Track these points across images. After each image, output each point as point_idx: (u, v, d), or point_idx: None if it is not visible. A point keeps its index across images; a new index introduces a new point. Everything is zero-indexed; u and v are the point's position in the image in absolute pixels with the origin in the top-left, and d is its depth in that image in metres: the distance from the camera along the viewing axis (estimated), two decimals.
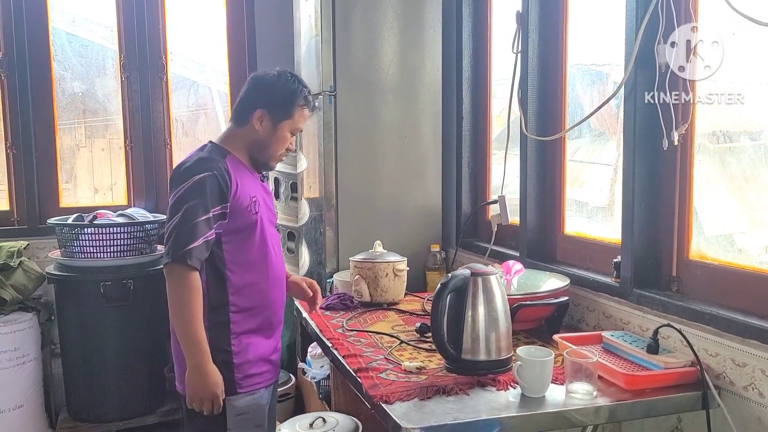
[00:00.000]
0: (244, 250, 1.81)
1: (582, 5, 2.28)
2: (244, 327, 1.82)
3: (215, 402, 1.72)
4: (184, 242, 1.69)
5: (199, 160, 1.78)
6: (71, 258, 3.10)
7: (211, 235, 1.73)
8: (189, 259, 1.68)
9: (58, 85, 3.55)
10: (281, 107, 1.85)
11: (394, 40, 2.85)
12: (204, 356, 1.70)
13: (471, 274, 1.69)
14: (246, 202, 1.79)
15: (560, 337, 1.81)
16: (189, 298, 1.70)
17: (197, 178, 1.72)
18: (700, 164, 1.78)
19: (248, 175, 1.86)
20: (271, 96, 1.85)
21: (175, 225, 1.72)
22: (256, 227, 1.82)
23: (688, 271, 1.80)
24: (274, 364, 1.93)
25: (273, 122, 1.85)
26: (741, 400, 1.54)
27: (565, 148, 2.33)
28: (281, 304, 1.95)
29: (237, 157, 1.85)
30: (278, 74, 1.88)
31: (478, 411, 1.46)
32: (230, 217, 1.76)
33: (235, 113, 1.90)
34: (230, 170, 1.77)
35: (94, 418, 3.19)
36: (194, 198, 1.71)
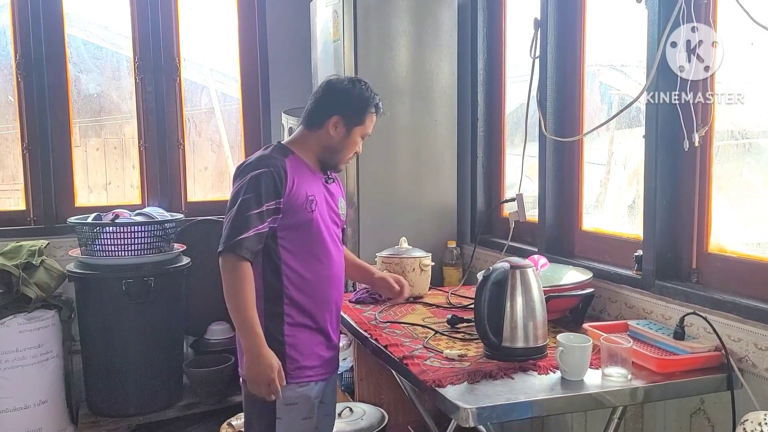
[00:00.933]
0: (300, 247, 1.87)
1: (600, 7, 2.40)
2: (299, 320, 1.89)
3: (272, 385, 1.76)
4: (235, 233, 1.77)
5: (259, 158, 1.87)
6: (92, 256, 3.16)
7: (264, 228, 1.80)
8: (239, 249, 1.76)
9: (74, 86, 3.60)
10: (356, 114, 1.93)
11: (411, 44, 2.96)
12: (257, 339, 1.76)
13: (510, 267, 1.80)
14: (301, 199, 1.85)
15: (590, 325, 1.93)
16: (240, 284, 1.77)
17: (254, 174, 1.81)
18: (719, 163, 1.91)
19: (309, 175, 1.92)
20: (347, 103, 1.92)
21: (230, 216, 1.81)
22: (312, 225, 1.88)
23: (708, 263, 1.93)
24: (327, 360, 1.97)
25: (347, 128, 1.92)
26: (763, 381, 1.67)
27: (583, 149, 2.46)
28: (337, 303, 2.00)
29: (300, 158, 1.92)
30: (352, 82, 1.96)
31: (525, 393, 1.58)
32: (285, 213, 1.83)
33: (309, 117, 1.96)
34: (288, 169, 1.84)
35: (114, 412, 3.24)
36: (249, 192, 1.80)
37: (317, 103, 1.95)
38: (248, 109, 3.90)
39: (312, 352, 1.91)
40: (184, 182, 3.80)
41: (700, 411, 1.85)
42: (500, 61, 2.97)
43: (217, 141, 3.99)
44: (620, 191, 2.47)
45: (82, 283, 3.20)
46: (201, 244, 3.62)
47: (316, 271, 1.91)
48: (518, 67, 2.86)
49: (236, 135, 3.98)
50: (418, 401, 2.58)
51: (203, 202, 3.88)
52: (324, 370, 1.96)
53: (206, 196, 3.94)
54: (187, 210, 3.73)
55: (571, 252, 2.49)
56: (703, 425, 1.85)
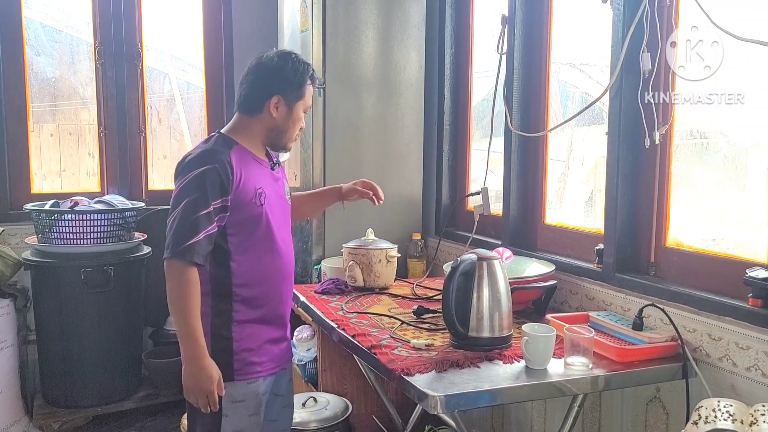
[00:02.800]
0: (249, 242, 1.80)
1: (566, 6, 2.45)
2: (248, 316, 1.82)
3: (210, 397, 1.72)
4: (184, 237, 1.68)
5: (201, 153, 1.77)
6: (49, 244, 3.09)
7: (213, 229, 1.72)
8: (190, 255, 1.68)
9: (30, 69, 3.51)
10: (294, 89, 1.84)
11: (379, 37, 2.97)
12: (199, 349, 1.70)
13: (477, 258, 1.84)
14: (249, 194, 1.78)
15: (552, 316, 1.98)
16: (187, 292, 1.69)
17: (197, 172, 1.72)
18: (678, 161, 1.98)
19: (255, 165, 1.84)
20: (284, 80, 1.83)
21: (176, 219, 1.71)
22: (261, 219, 1.81)
23: (666, 257, 2.01)
24: (277, 354, 1.91)
25: (288, 106, 1.84)
26: (716, 370, 1.75)
27: (547, 144, 2.51)
28: (288, 295, 1.96)
29: (245, 147, 1.83)
30: (281, 56, 1.85)
31: (491, 381, 1.62)
32: (233, 210, 1.75)
33: (245, 102, 1.86)
34: (233, 162, 1.75)
35: (70, 403, 3.19)
36: (194, 192, 1.71)
37: (252, 86, 1.85)
38: (212, 98, 3.86)
39: (261, 347, 1.85)
40: (145, 170, 3.74)
41: (656, 399, 1.92)
42: (467, 56, 3.01)
43: (178, 129, 3.94)
44: (578, 187, 2.54)
45: (39, 271, 3.13)
46: (162, 234, 3.46)
47: (267, 265, 1.85)
48: (484, 62, 2.90)
49: (199, 123, 3.93)
50: (382, 391, 2.61)
51: (164, 190, 3.82)
52: (274, 364, 1.90)
53: (167, 185, 3.88)
54: (148, 198, 3.67)
55: (534, 245, 2.55)
56: (658, 413, 1.92)
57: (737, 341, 1.69)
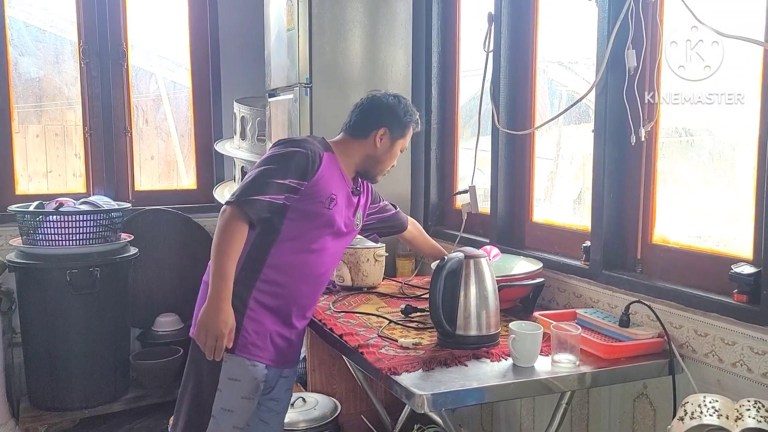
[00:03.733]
0: (302, 234, 1.89)
1: (552, 4, 2.45)
2: (266, 301, 1.88)
3: (219, 341, 1.74)
4: (251, 191, 1.79)
5: (302, 139, 1.94)
6: (34, 246, 3.06)
7: (279, 200, 1.82)
8: (248, 206, 1.78)
9: (14, 69, 3.47)
10: (401, 127, 2.03)
11: (366, 35, 2.96)
12: (225, 291, 1.75)
13: (465, 256, 1.83)
14: (324, 193, 1.89)
15: (540, 314, 1.98)
16: (232, 235, 1.77)
17: (289, 149, 1.86)
18: (663, 158, 1.99)
19: (341, 177, 1.98)
20: (395, 116, 2.02)
21: (251, 175, 1.83)
22: (323, 220, 1.91)
23: (652, 254, 2.01)
24: (280, 350, 1.94)
25: (392, 140, 2.02)
26: (702, 365, 1.75)
27: (534, 142, 2.51)
28: (308, 299, 1.99)
29: (337, 158, 1.97)
30: (397, 98, 2.06)
31: (479, 379, 1.61)
32: (302, 197, 1.85)
33: (355, 126, 2.03)
34: (323, 160, 1.89)
35: (57, 406, 3.16)
36: (279, 163, 1.84)
37: (363, 114, 2.03)
38: (199, 97, 3.84)
39: (266, 334, 1.89)
40: (132, 171, 3.72)
41: (643, 395, 1.93)
42: (454, 54, 3.00)
43: (165, 129, 3.91)
44: (567, 185, 2.54)
45: (24, 273, 3.10)
46: (149, 235, 3.56)
47: (304, 263, 1.92)
48: (472, 60, 2.90)
49: (186, 123, 3.91)
50: (371, 390, 2.61)
51: (151, 191, 3.81)
52: (274, 357, 1.92)
53: (154, 186, 3.86)
54: (134, 199, 3.65)
55: (521, 243, 2.55)
56: (645, 409, 1.93)
57: (723, 337, 1.70)
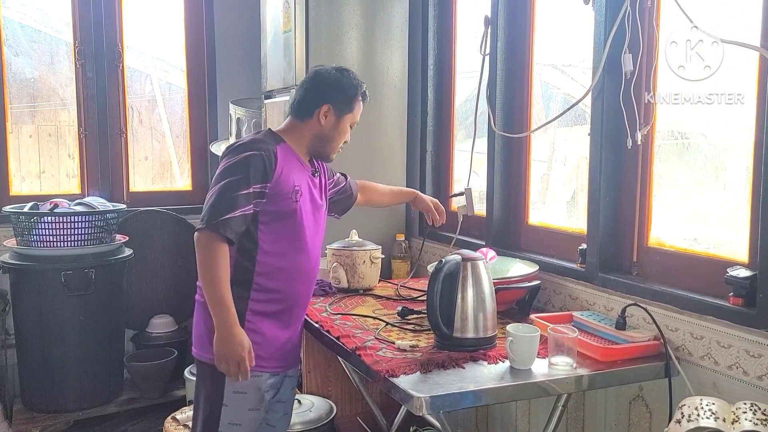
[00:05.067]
0: (278, 235, 1.87)
1: (548, 7, 2.46)
2: (263, 308, 1.87)
3: (241, 365, 1.74)
4: (221, 212, 1.75)
5: (251, 140, 1.87)
6: (29, 247, 3.05)
7: (249, 210, 1.79)
8: (224, 229, 1.74)
9: (9, 69, 3.46)
10: (345, 102, 1.95)
11: (363, 38, 2.96)
12: (230, 317, 1.74)
13: (462, 259, 1.84)
14: (287, 188, 1.85)
15: (536, 317, 1.98)
16: (217, 261, 1.74)
17: (244, 155, 1.80)
18: (659, 161, 2.00)
19: (297, 165, 1.92)
20: (337, 91, 1.93)
21: (214, 194, 1.78)
22: (295, 215, 1.88)
23: (648, 257, 2.02)
24: (285, 354, 1.94)
25: (337, 116, 1.94)
26: (698, 368, 1.76)
27: (530, 145, 2.52)
28: (306, 297, 2.00)
29: (290, 147, 1.92)
30: (340, 71, 1.97)
31: (476, 382, 1.61)
32: (269, 199, 1.82)
33: (299, 106, 1.96)
34: (278, 155, 1.84)
35: (51, 408, 3.15)
36: (238, 173, 1.78)
37: (306, 92, 1.95)
38: (194, 99, 3.83)
39: (270, 343, 1.89)
40: (127, 172, 3.71)
41: (639, 398, 1.94)
42: (450, 57, 3.01)
43: (160, 130, 3.90)
44: (560, 187, 2.55)
45: (18, 274, 3.09)
46: (144, 236, 3.55)
47: (291, 261, 1.90)
48: (468, 63, 2.91)
49: (181, 125, 3.90)
50: (366, 392, 2.61)
51: (146, 192, 3.80)
52: (280, 364, 1.93)
53: (148, 187, 3.85)
54: (129, 200, 3.64)
55: (517, 245, 2.55)
56: (641, 411, 1.93)
57: (719, 340, 1.70)
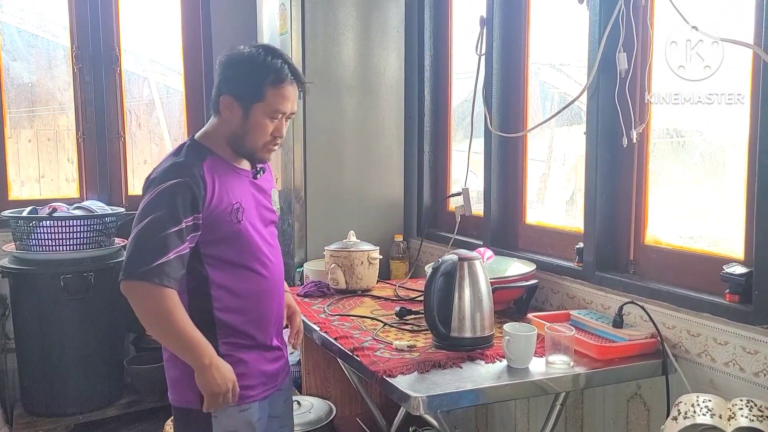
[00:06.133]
0: (229, 261, 1.64)
1: (543, 7, 2.47)
2: (234, 341, 1.67)
3: (234, 390, 1.60)
4: (152, 257, 1.49)
5: (171, 166, 1.59)
6: (28, 251, 3.05)
7: (185, 249, 1.54)
8: (158, 277, 1.48)
9: (7, 75, 3.47)
10: (248, 89, 1.60)
11: (359, 39, 2.97)
12: (205, 355, 1.55)
13: (459, 259, 1.84)
14: (225, 210, 1.60)
15: (534, 315, 1.99)
16: (168, 310, 1.51)
17: (167, 185, 1.54)
18: (655, 159, 2.00)
19: (232, 176, 1.66)
20: (237, 77, 1.60)
21: (140, 237, 1.51)
22: (240, 237, 1.64)
23: (645, 255, 2.02)
24: (271, 374, 1.76)
25: (243, 108, 1.61)
26: (695, 365, 1.76)
27: (526, 144, 2.52)
28: (278, 312, 1.79)
29: (220, 156, 1.65)
30: (250, 51, 1.62)
31: (473, 381, 1.62)
32: (206, 229, 1.58)
33: (211, 101, 1.68)
34: (206, 176, 1.58)
35: (51, 412, 3.15)
36: (163, 207, 1.52)
37: (215, 82, 1.66)
38: (192, 101, 3.83)
39: (250, 370, 1.69)
40: (125, 175, 3.71)
41: (637, 395, 1.94)
42: (446, 57, 3.02)
43: (158, 133, 3.91)
44: (559, 186, 2.56)
45: (17, 279, 3.09)
46: None
47: (252, 283, 1.68)
48: (464, 63, 2.91)
49: (179, 128, 3.91)
50: (366, 393, 2.61)
51: None
52: (267, 386, 1.75)
53: None
54: (128, 204, 3.63)
55: (515, 245, 2.56)
56: (639, 409, 1.94)
57: (715, 337, 1.71)
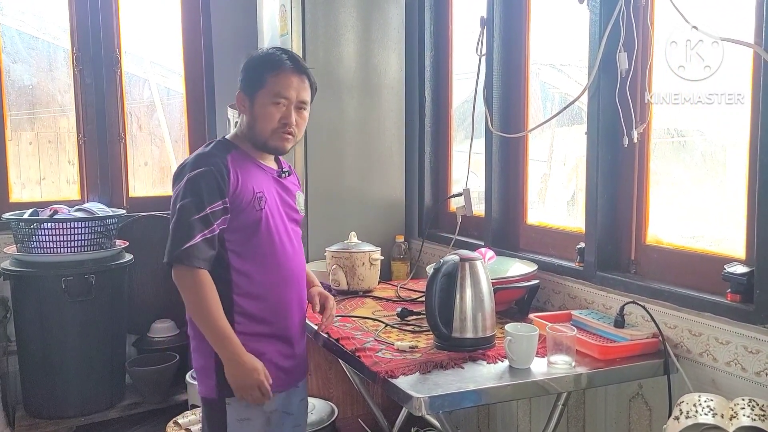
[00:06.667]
0: (250, 249, 1.74)
1: (543, 7, 2.47)
2: (252, 330, 1.76)
3: (261, 387, 1.68)
4: (180, 242, 1.64)
5: (196, 157, 1.74)
6: (29, 253, 3.06)
7: (212, 232, 1.67)
8: (188, 260, 1.64)
9: (7, 77, 3.47)
10: (253, 79, 1.76)
11: (359, 39, 2.97)
12: (235, 347, 1.66)
13: (460, 259, 1.84)
14: (247, 197, 1.72)
15: (535, 316, 1.99)
16: (202, 295, 1.65)
17: (191, 175, 1.68)
18: (656, 159, 2.00)
19: (256, 169, 1.79)
20: (243, 74, 1.79)
21: (172, 225, 1.68)
22: (261, 224, 1.74)
23: (646, 255, 2.02)
24: (286, 370, 1.83)
25: (249, 97, 1.77)
26: (697, 365, 1.76)
27: (527, 145, 2.52)
28: (298, 307, 1.88)
29: (245, 151, 1.79)
30: (258, 52, 1.83)
31: (475, 381, 1.62)
32: (231, 215, 1.70)
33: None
34: (230, 165, 1.71)
35: (53, 414, 3.15)
36: (188, 196, 1.67)
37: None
38: (192, 103, 3.84)
39: (271, 362, 1.77)
40: (126, 177, 3.71)
41: (639, 395, 1.94)
42: (447, 58, 3.02)
43: (159, 135, 3.91)
44: (560, 187, 2.56)
45: (19, 281, 3.10)
46: (144, 241, 3.55)
47: (271, 274, 1.78)
48: (464, 64, 2.91)
49: (180, 129, 3.91)
50: (368, 394, 2.61)
51: (146, 197, 3.80)
52: (282, 382, 1.81)
53: (148, 192, 3.86)
54: (129, 206, 3.64)
55: (516, 245, 2.56)
56: (641, 408, 1.93)
57: (717, 336, 1.71)
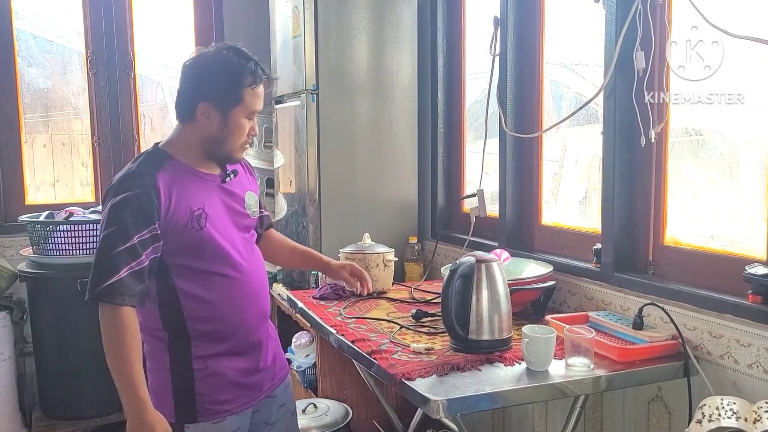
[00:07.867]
0: (197, 271, 1.61)
1: (558, 6, 2.45)
2: (211, 351, 1.64)
3: None
4: (102, 277, 1.48)
5: (121, 178, 1.57)
6: (45, 255, 3.08)
7: (142, 264, 1.50)
8: (111, 296, 1.47)
9: (23, 80, 3.50)
10: (227, 95, 1.59)
11: (372, 41, 2.97)
12: (139, 403, 1.49)
13: (476, 261, 1.83)
14: (184, 218, 1.57)
15: (552, 317, 1.97)
16: (119, 338, 1.48)
17: (114, 202, 1.51)
18: (674, 158, 1.98)
19: (194, 182, 1.63)
20: (212, 83, 1.59)
21: (95, 258, 1.53)
22: (204, 244, 1.60)
23: (664, 256, 2.00)
24: (250, 387, 1.71)
25: (222, 113, 1.60)
26: (717, 367, 1.74)
27: (542, 145, 2.51)
28: (259, 318, 1.75)
29: (182, 162, 1.62)
30: (215, 54, 1.61)
31: (493, 384, 1.61)
32: (167, 238, 1.55)
33: (177, 109, 1.66)
34: (160, 185, 1.54)
35: (69, 415, 3.17)
36: (111, 225, 1.50)
37: (181, 89, 1.64)
38: None
39: (228, 382, 1.66)
40: None
41: (658, 398, 1.92)
42: (460, 58, 3.01)
43: None
44: (572, 186, 2.54)
45: (35, 283, 3.12)
46: None
47: (224, 289, 1.65)
48: (477, 64, 2.90)
49: None
50: (382, 396, 2.61)
51: None
52: (246, 399, 1.71)
53: None
54: None
55: (531, 246, 2.54)
56: (660, 412, 1.91)
57: (738, 338, 1.69)
